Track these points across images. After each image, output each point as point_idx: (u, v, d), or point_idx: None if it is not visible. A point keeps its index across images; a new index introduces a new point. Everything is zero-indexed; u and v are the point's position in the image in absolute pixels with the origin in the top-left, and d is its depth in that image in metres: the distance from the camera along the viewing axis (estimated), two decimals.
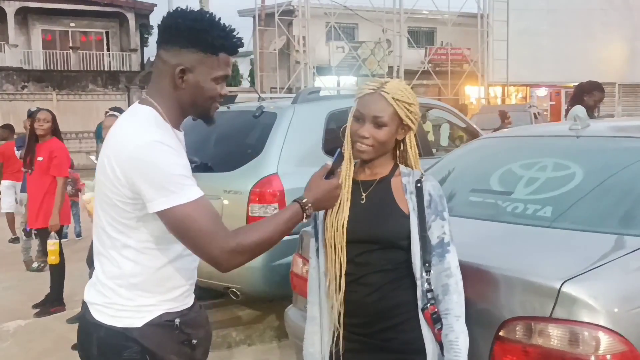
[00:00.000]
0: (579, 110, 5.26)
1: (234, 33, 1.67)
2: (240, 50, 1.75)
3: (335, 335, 1.90)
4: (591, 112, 5.53)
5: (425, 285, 1.83)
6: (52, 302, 5.20)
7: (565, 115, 5.81)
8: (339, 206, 1.85)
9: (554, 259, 2.10)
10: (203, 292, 2.49)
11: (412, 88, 1.95)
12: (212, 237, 1.54)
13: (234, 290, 4.13)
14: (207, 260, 1.58)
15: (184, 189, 1.54)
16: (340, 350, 1.90)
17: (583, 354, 1.78)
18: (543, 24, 23.96)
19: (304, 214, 1.69)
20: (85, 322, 1.72)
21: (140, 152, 1.55)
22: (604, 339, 1.77)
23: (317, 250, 1.97)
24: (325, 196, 1.75)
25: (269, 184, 3.93)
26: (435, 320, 1.82)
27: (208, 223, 1.55)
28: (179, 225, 1.55)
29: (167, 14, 1.65)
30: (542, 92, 28.00)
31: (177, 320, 1.67)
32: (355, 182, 1.90)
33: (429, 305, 1.82)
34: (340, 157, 1.83)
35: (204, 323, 1.80)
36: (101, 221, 1.67)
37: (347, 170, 1.88)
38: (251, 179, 3.99)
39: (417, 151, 1.97)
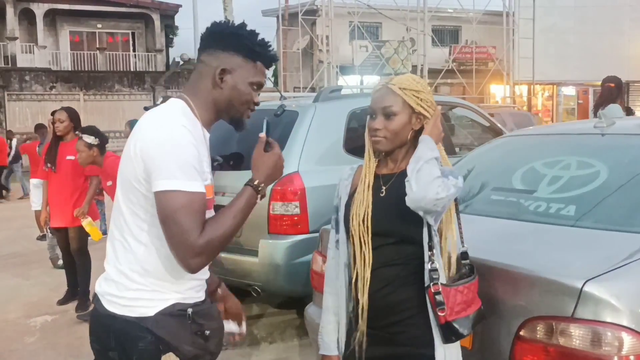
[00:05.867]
0: (615, 109, 4.88)
1: (270, 48, 1.78)
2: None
3: (358, 331, 1.89)
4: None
5: (430, 264, 1.81)
6: (86, 294, 5.14)
7: (595, 116, 5.51)
8: (362, 198, 1.89)
9: (577, 258, 2.07)
10: None
11: (436, 87, 1.97)
12: (187, 234, 1.54)
13: (255, 287, 4.16)
14: (176, 257, 1.58)
15: (189, 178, 1.57)
16: (363, 344, 1.89)
17: (605, 354, 1.76)
18: (570, 21, 23.61)
19: (258, 195, 1.71)
20: (98, 314, 1.72)
21: (164, 131, 1.61)
22: (627, 340, 1.74)
23: (337, 242, 2.00)
24: (273, 169, 1.76)
25: (290, 182, 3.94)
26: (439, 303, 1.79)
27: (188, 219, 1.55)
28: (163, 210, 1.56)
29: (212, 23, 1.78)
30: (569, 90, 27.54)
31: (190, 310, 1.68)
32: (376, 176, 1.94)
33: (431, 284, 1.80)
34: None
35: (216, 316, 1.82)
36: (119, 204, 1.71)
37: (367, 167, 1.94)
38: None
39: None
